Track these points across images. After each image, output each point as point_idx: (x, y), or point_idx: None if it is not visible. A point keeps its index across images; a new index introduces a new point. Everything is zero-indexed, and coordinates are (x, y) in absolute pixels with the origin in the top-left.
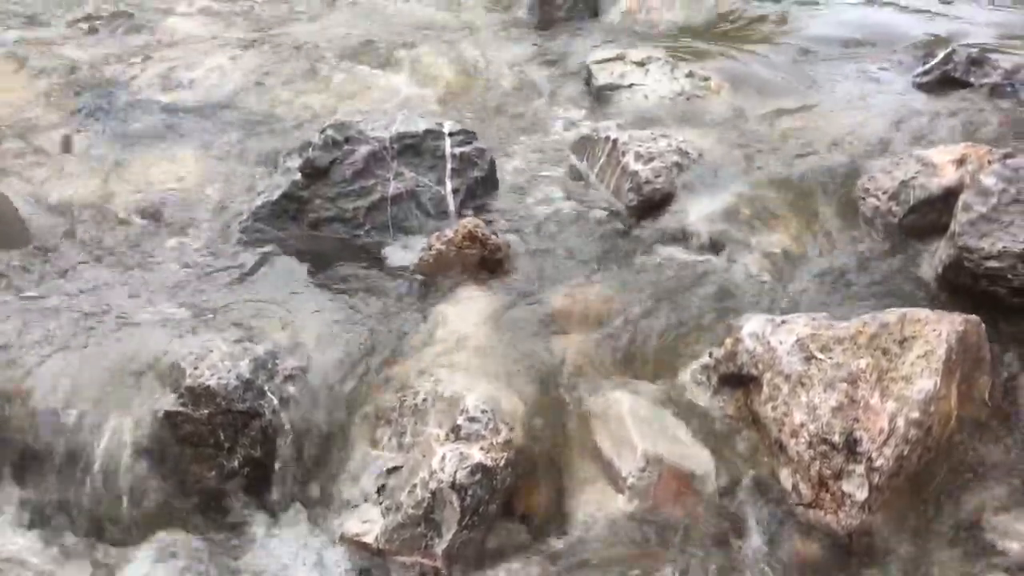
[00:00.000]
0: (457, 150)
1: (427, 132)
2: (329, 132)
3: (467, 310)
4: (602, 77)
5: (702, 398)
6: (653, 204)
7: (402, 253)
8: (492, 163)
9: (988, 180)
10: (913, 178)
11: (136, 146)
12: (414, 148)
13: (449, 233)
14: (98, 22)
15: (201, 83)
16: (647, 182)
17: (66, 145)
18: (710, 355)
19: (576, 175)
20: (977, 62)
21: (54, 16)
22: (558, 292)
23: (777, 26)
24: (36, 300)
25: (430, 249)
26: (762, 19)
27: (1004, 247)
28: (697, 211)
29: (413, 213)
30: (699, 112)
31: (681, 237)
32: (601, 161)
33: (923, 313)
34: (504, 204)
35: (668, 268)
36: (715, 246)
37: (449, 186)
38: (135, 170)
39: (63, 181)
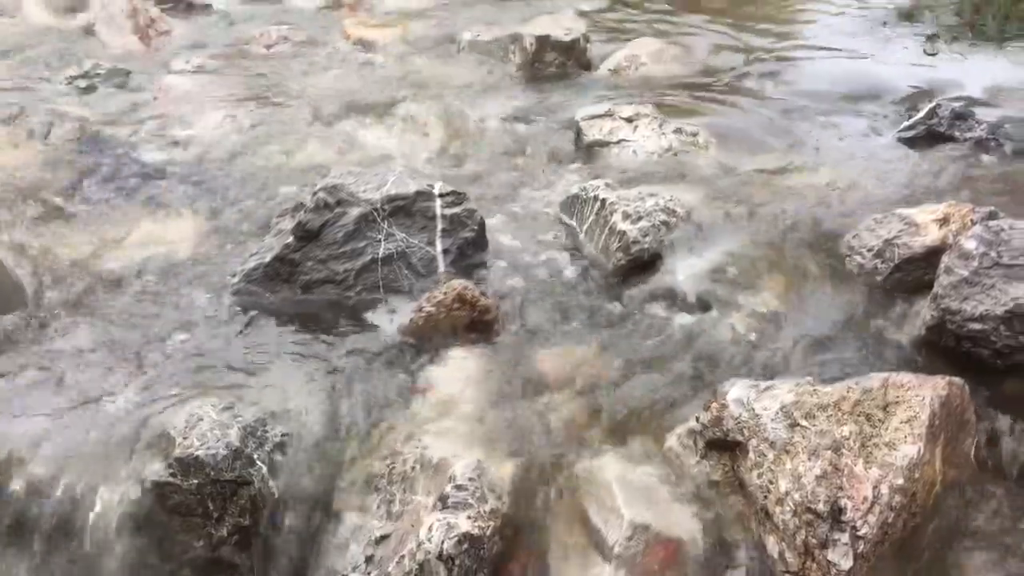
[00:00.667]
0: (447, 211)
1: (418, 193)
2: (321, 195)
3: (456, 374)
4: (591, 133)
5: (689, 463)
6: (641, 264)
7: (392, 315)
8: (482, 223)
9: (969, 244)
10: (896, 237)
11: (131, 207)
12: (405, 209)
13: (439, 295)
14: (96, 79)
15: (197, 141)
16: (635, 242)
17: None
18: (696, 420)
19: (565, 233)
20: (961, 116)
21: (53, 72)
22: (546, 355)
23: (764, 81)
24: (25, 368)
25: (420, 311)
26: (749, 75)
27: (986, 310)
28: (684, 270)
29: (403, 274)
30: (687, 168)
31: (668, 297)
32: (590, 220)
33: (906, 378)
34: (494, 264)
35: (655, 329)
36: (702, 306)
37: (439, 247)
38: (130, 231)
39: (58, 243)
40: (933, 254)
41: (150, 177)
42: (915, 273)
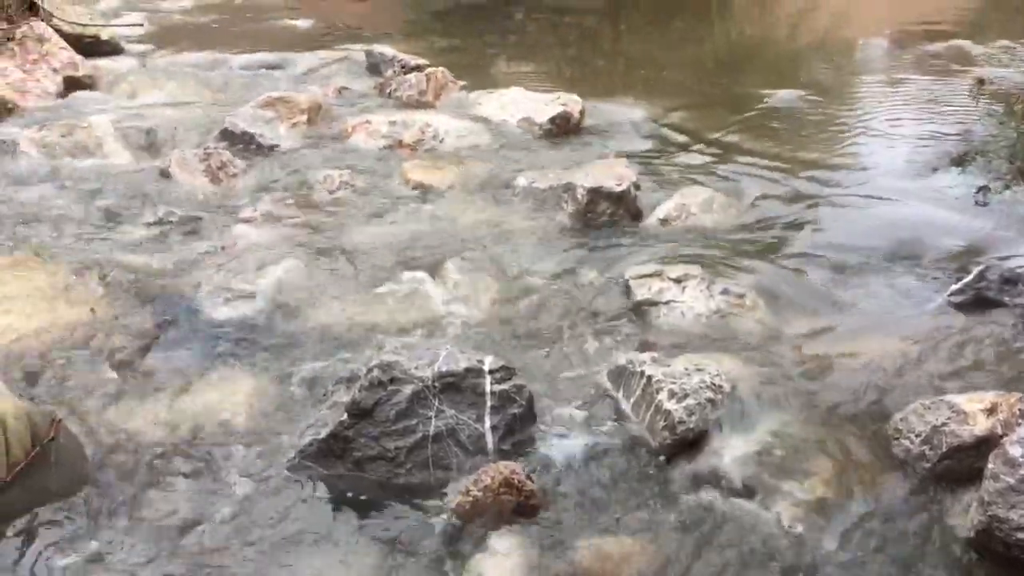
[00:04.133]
0: (496, 387)
1: (468, 370)
2: (375, 372)
3: (502, 562)
4: (640, 292)
5: None
6: (686, 443)
7: (440, 495)
8: (530, 399)
9: (1014, 451)
10: (944, 424)
11: (195, 368)
12: (455, 386)
13: (486, 479)
14: (169, 226)
15: (260, 296)
16: (680, 422)
17: None
18: None
19: (612, 407)
20: (1010, 281)
21: (129, 218)
22: (590, 543)
23: (812, 234)
24: (93, 549)
25: (467, 494)
26: (796, 224)
27: None
28: (730, 452)
29: (452, 451)
30: (734, 333)
31: (714, 481)
32: (636, 395)
33: None
34: (541, 440)
35: (699, 516)
36: (748, 492)
37: (488, 423)
38: (191, 395)
39: (123, 410)
40: (982, 443)
41: (213, 335)
42: (964, 462)
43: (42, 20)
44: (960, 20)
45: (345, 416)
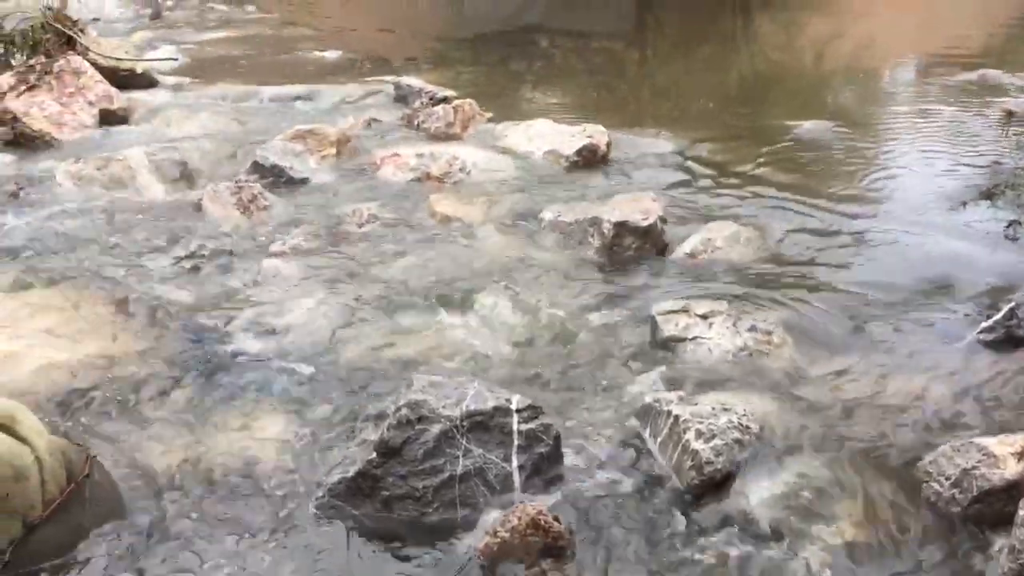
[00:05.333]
0: (524, 426)
1: (495, 409)
2: (404, 411)
3: None
4: (667, 328)
5: None
6: (714, 484)
7: (467, 534)
8: (557, 438)
9: None
10: (975, 468)
11: (224, 403)
12: (483, 425)
13: (513, 520)
14: (200, 260)
15: (290, 330)
16: (708, 462)
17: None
18: None
19: (639, 446)
20: None
21: (160, 251)
22: None
23: (838, 269)
24: None
25: (495, 535)
26: (823, 259)
27: None
28: (757, 494)
29: (479, 491)
30: (761, 372)
31: (742, 523)
32: (663, 434)
33: None
34: (568, 479)
35: (726, 559)
36: (775, 535)
37: (515, 463)
38: (221, 429)
39: (153, 444)
40: (1012, 487)
41: (243, 370)
42: (995, 505)
43: (79, 54)
44: (988, 47)
45: (374, 455)
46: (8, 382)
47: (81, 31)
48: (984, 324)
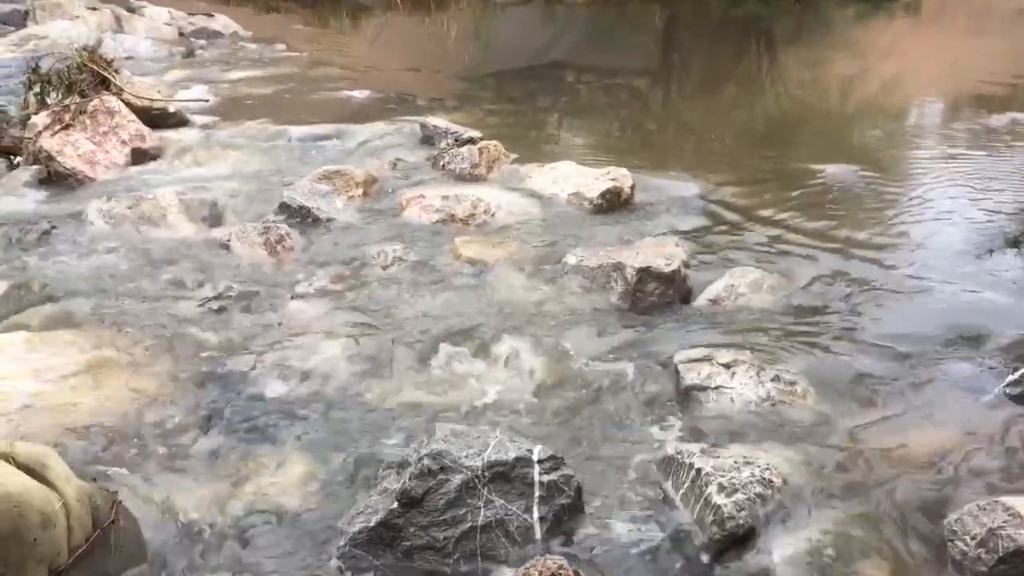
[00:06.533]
0: (545, 477)
1: (517, 460)
2: (426, 461)
3: None
4: (689, 377)
5: None
6: (736, 539)
7: None
8: (579, 489)
9: None
10: (1001, 528)
11: (249, 448)
12: (504, 476)
13: (534, 573)
14: (227, 301)
15: (314, 374)
16: (730, 517)
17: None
18: None
19: (661, 498)
20: None
21: (188, 292)
22: None
23: (863, 318)
24: None
25: None
26: (847, 308)
27: None
28: (780, 550)
29: (500, 541)
30: (785, 423)
31: None
32: (685, 487)
33: None
34: (588, 531)
35: None
36: None
37: (536, 514)
38: (245, 477)
39: (179, 489)
40: None
41: (267, 413)
42: (1021, 567)
43: (113, 94)
44: (1014, 88)
45: (395, 504)
46: (37, 425)
47: (116, 71)
48: (1011, 377)
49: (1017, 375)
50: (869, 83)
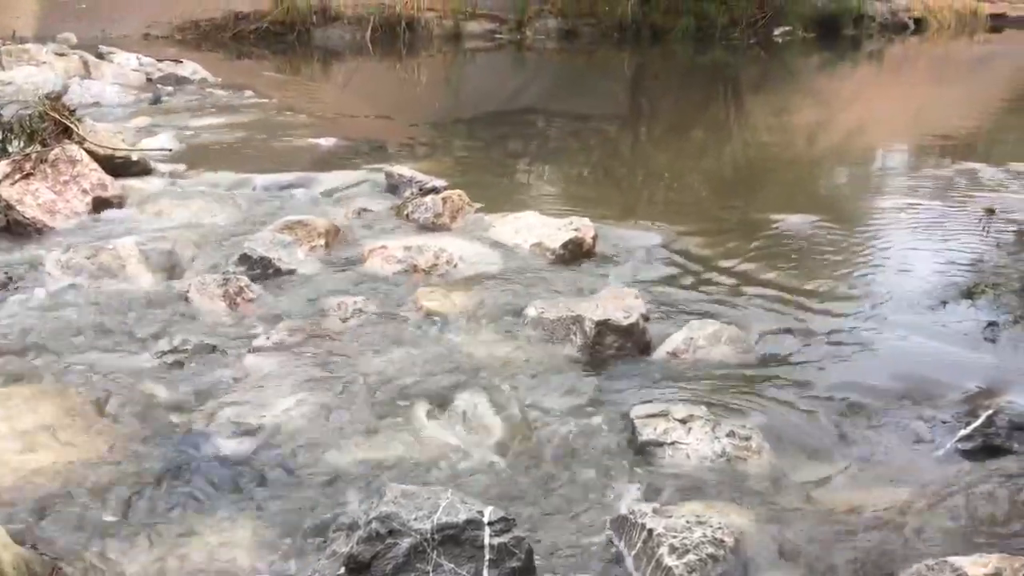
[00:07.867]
0: (495, 540)
1: (467, 522)
2: (374, 524)
3: None
4: (645, 432)
5: None
6: None
7: None
8: (530, 552)
9: None
10: None
11: (198, 509)
12: (454, 539)
13: None
14: (183, 355)
15: (268, 431)
16: None
17: None
18: None
19: (614, 560)
20: (1019, 427)
21: (144, 345)
22: None
23: (819, 372)
24: None
25: None
26: (803, 361)
27: None
28: None
29: None
30: (739, 479)
31: None
32: (637, 548)
33: None
34: None
35: None
36: None
37: None
38: (193, 539)
39: (122, 553)
40: None
41: (218, 474)
42: None
43: (76, 143)
44: (974, 136)
45: (343, 570)
46: None
47: (78, 120)
48: (962, 432)
49: (969, 429)
50: (832, 132)
